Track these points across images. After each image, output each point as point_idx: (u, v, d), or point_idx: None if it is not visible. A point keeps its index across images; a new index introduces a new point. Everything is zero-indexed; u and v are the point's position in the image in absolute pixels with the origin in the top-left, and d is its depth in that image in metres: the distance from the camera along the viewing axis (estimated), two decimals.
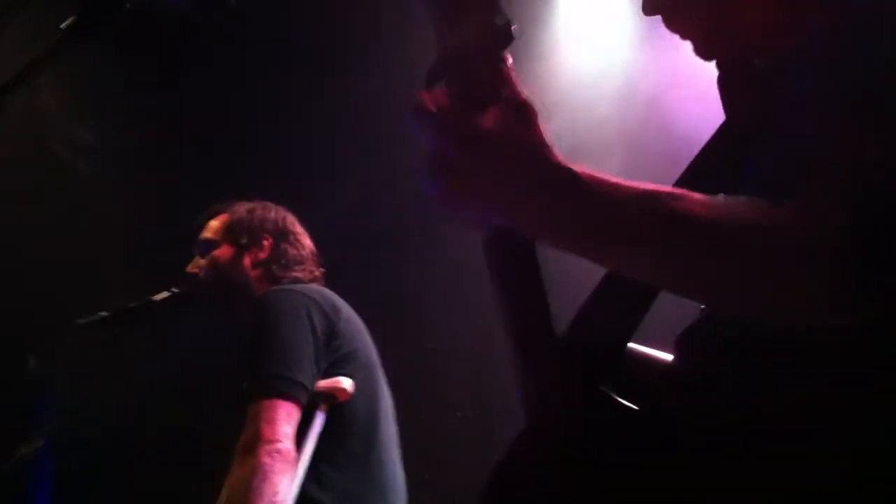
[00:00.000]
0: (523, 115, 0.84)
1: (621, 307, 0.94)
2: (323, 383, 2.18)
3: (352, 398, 2.22)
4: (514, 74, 0.87)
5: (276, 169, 4.02)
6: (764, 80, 0.96)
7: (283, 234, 2.55)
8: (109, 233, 4.01)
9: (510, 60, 0.87)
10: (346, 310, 2.38)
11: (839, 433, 0.72)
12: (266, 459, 1.95)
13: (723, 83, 1.04)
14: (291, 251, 2.53)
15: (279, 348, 2.14)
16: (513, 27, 0.87)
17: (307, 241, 2.61)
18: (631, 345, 0.96)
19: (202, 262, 2.55)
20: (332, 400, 2.19)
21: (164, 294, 2.51)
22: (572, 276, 0.92)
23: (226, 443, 2.07)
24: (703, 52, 1.03)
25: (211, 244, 2.55)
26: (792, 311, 0.75)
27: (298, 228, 2.61)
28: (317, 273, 2.57)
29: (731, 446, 0.77)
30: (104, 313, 2.45)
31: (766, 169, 0.83)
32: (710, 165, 1.00)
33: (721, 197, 0.80)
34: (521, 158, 0.81)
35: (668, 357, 0.97)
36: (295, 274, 2.49)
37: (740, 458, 0.76)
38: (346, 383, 2.21)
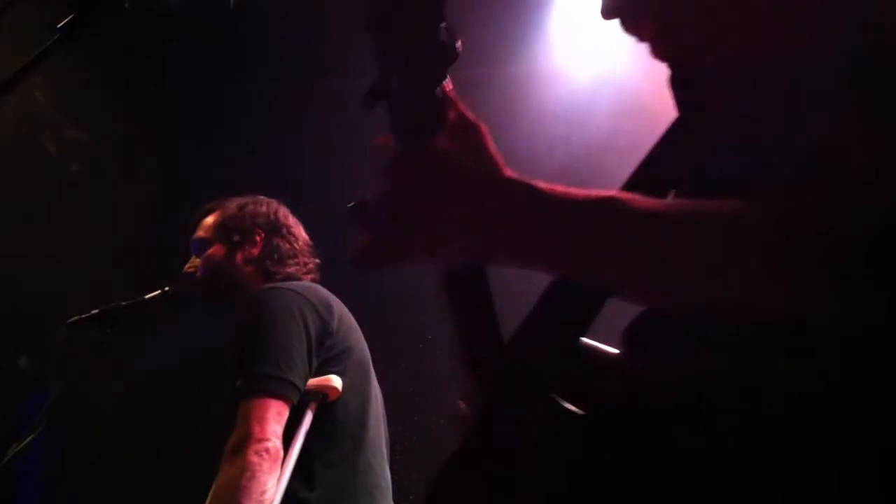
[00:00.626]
0: (472, 137, 0.82)
1: (568, 312, 0.91)
2: (313, 381, 2.17)
3: (343, 396, 2.21)
4: (456, 96, 0.84)
5: (273, 166, 4.02)
6: (741, 80, 0.92)
7: (275, 229, 2.53)
8: (105, 232, 4.01)
9: (450, 84, 0.84)
10: (340, 308, 2.37)
11: (838, 433, 0.71)
12: (254, 458, 1.95)
13: (677, 82, 1.02)
14: (284, 245, 2.51)
15: (271, 347, 2.12)
16: (458, 44, 0.81)
17: (301, 233, 2.58)
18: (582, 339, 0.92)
19: (198, 261, 2.54)
20: (323, 398, 2.19)
21: (156, 293, 2.50)
22: (518, 289, 0.90)
23: (219, 442, 2.07)
24: (657, 53, 1.02)
25: (205, 243, 2.54)
26: (770, 313, 0.72)
27: (291, 220, 2.59)
28: (311, 265, 2.54)
29: (726, 448, 0.74)
30: (96, 311, 2.45)
31: (743, 169, 0.81)
32: (664, 165, 0.98)
33: (691, 203, 0.78)
34: (474, 183, 0.80)
35: (614, 351, 0.93)
36: (289, 269, 2.48)
37: (736, 461, 0.74)
38: (337, 381, 2.20)
